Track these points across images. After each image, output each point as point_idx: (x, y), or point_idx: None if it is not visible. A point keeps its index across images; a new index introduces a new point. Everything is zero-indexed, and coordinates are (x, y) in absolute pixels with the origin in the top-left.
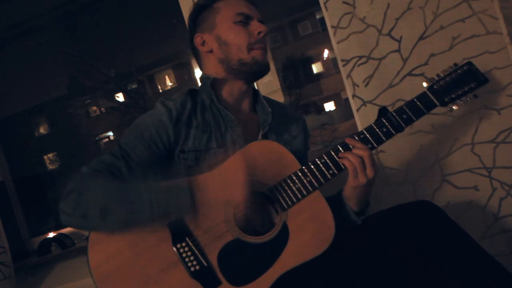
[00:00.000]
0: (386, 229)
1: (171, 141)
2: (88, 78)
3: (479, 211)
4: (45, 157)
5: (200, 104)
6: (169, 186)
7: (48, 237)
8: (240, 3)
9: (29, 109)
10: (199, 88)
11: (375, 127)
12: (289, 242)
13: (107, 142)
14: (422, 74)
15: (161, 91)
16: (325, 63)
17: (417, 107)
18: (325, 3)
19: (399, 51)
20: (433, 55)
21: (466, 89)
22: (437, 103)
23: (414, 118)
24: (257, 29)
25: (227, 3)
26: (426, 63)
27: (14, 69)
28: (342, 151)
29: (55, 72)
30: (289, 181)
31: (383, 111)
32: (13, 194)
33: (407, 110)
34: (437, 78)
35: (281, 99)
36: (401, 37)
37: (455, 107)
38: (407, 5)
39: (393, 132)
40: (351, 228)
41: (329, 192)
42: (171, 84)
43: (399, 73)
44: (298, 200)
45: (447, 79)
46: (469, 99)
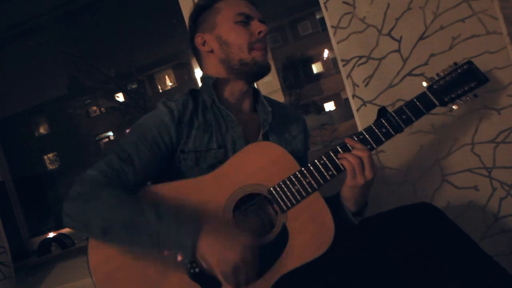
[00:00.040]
0: (386, 230)
1: (173, 141)
2: (88, 78)
3: (479, 211)
4: (45, 157)
5: (201, 104)
6: (177, 223)
7: (48, 237)
8: (240, 3)
9: (29, 109)
10: (200, 88)
11: (374, 127)
12: (289, 243)
13: (107, 142)
14: (422, 74)
15: (161, 91)
16: (325, 63)
17: (417, 107)
18: (325, 3)
19: (399, 51)
20: (433, 55)
21: (466, 89)
22: (436, 103)
23: (413, 118)
24: (258, 28)
25: (227, 3)
26: (426, 63)
27: (14, 69)
28: (341, 152)
29: (55, 72)
30: (288, 182)
31: (383, 111)
32: (13, 194)
33: (407, 110)
34: (436, 77)
35: (281, 99)
36: (401, 37)
37: (455, 107)
38: (407, 5)
39: (393, 132)
40: (350, 229)
41: (329, 192)
42: (171, 84)
43: (399, 73)
44: (297, 201)
45: (447, 79)
46: (469, 99)
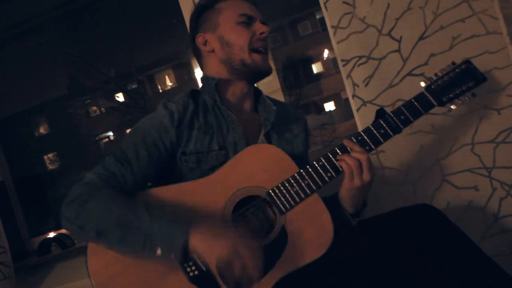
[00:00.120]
0: (385, 231)
1: (173, 144)
2: (88, 78)
3: (479, 211)
4: (45, 157)
5: (202, 105)
6: (168, 224)
7: (48, 237)
8: (242, 4)
9: (29, 109)
10: (200, 88)
11: (372, 128)
12: (288, 245)
13: (107, 142)
14: (422, 74)
15: (161, 91)
16: (325, 63)
17: (415, 107)
18: (325, 3)
19: (399, 51)
20: (433, 55)
21: (464, 88)
22: (435, 103)
23: (412, 119)
24: (260, 29)
25: (229, 3)
26: (426, 63)
27: (14, 69)
28: (340, 153)
29: (55, 72)
30: (287, 184)
31: (381, 112)
32: (13, 194)
33: (405, 111)
34: (435, 77)
35: (281, 99)
36: (401, 37)
37: (453, 107)
38: (407, 5)
39: (391, 133)
40: (350, 230)
41: (328, 192)
42: (171, 84)
43: (399, 73)
44: (296, 203)
45: (445, 79)
46: (467, 98)
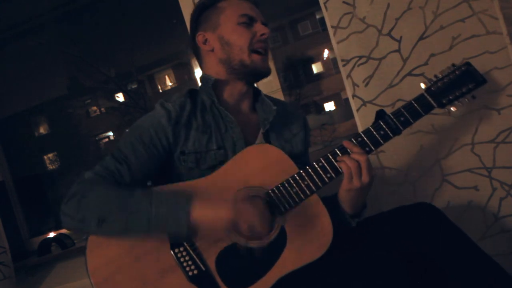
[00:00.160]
0: (386, 231)
1: (170, 143)
2: (88, 78)
3: (479, 211)
4: (45, 157)
5: (200, 105)
6: (170, 204)
7: (48, 237)
8: (244, 4)
9: (29, 109)
10: (199, 88)
11: (372, 130)
12: (287, 246)
13: (107, 142)
14: (422, 74)
15: (161, 91)
16: (325, 63)
17: (415, 109)
18: (325, 3)
19: (399, 51)
20: (433, 55)
21: (464, 90)
22: (434, 105)
23: (411, 120)
24: (261, 31)
25: (230, 3)
26: (426, 63)
27: (14, 69)
28: (340, 154)
29: (55, 72)
30: (286, 185)
31: (381, 113)
32: (13, 194)
33: (405, 112)
34: (435, 79)
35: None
36: (401, 37)
37: (453, 109)
38: (407, 5)
39: (391, 135)
40: (350, 230)
41: (328, 192)
42: (171, 84)
43: (399, 73)
44: (296, 204)
45: (445, 80)
46: (467, 100)
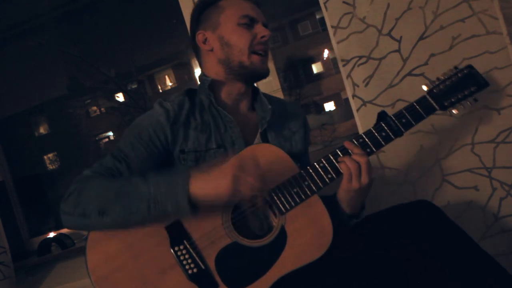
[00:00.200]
0: (385, 229)
1: (168, 141)
2: (88, 78)
3: (479, 211)
4: (45, 157)
5: (198, 104)
6: (168, 183)
7: (48, 237)
8: (245, 4)
9: (29, 109)
10: (197, 87)
11: (374, 131)
12: (287, 246)
13: (107, 142)
14: (422, 74)
15: (161, 91)
16: (325, 63)
17: (417, 111)
18: (325, 3)
19: (399, 51)
20: (433, 55)
21: (466, 93)
22: (436, 107)
23: (413, 122)
24: (261, 33)
25: (232, 2)
26: (426, 63)
27: (14, 69)
28: (341, 155)
29: (55, 72)
30: (287, 185)
31: (382, 115)
32: (13, 194)
33: (407, 114)
34: (437, 81)
35: None
36: (401, 37)
37: (455, 111)
38: (407, 5)
39: (392, 136)
40: (349, 229)
41: (328, 192)
42: (171, 84)
43: (399, 73)
44: (296, 204)
45: (447, 83)
46: (469, 103)
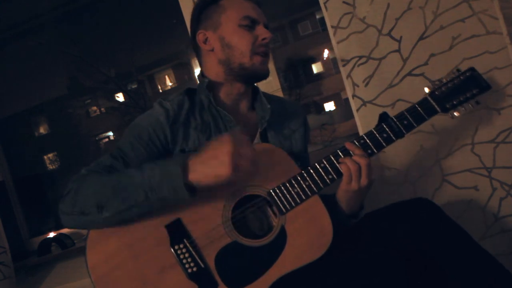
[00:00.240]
0: (384, 227)
1: (168, 141)
2: (88, 78)
3: (479, 211)
4: (45, 157)
5: (198, 104)
6: (161, 168)
7: (48, 237)
8: (246, 4)
9: (29, 109)
10: (197, 86)
11: (375, 132)
12: (287, 246)
13: (107, 142)
14: (422, 74)
15: (161, 91)
16: (325, 63)
17: (418, 113)
18: (325, 3)
19: (399, 51)
20: (433, 55)
21: (468, 96)
22: (438, 109)
23: (415, 124)
24: (263, 35)
25: (233, 1)
26: (426, 63)
27: (14, 69)
28: (342, 156)
29: (55, 72)
30: (288, 185)
31: (384, 116)
32: (13, 194)
33: (408, 115)
34: (438, 83)
35: None
36: (401, 37)
37: (456, 114)
38: (407, 5)
39: (393, 138)
40: (349, 228)
41: (328, 191)
42: (171, 84)
43: (399, 73)
44: (296, 204)
45: (449, 85)
46: (471, 106)
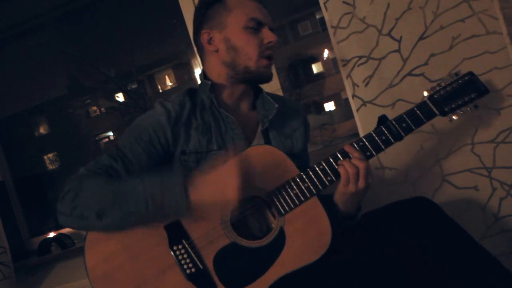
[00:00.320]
0: (384, 226)
1: (169, 142)
2: (88, 78)
3: (479, 211)
4: (45, 157)
5: (199, 104)
6: (164, 184)
7: (48, 237)
8: (252, 4)
9: (29, 109)
10: (198, 86)
11: (374, 135)
12: (286, 247)
13: (107, 142)
14: (422, 74)
15: (161, 91)
16: (325, 63)
17: (417, 116)
18: (325, 3)
19: (399, 51)
20: (433, 55)
21: (466, 99)
22: (437, 112)
23: (413, 127)
24: (268, 38)
25: (239, 1)
26: (426, 63)
27: (14, 69)
28: (341, 158)
29: (55, 72)
30: (287, 186)
31: (383, 119)
32: (13, 194)
33: (407, 118)
34: (437, 87)
35: None
36: (401, 37)
37: (455, 117)
38: (407, 5)
39: (392, 140)
40: (348, 228)
41: (327, 192)
42: (171, 84)
43: (399, 73)
44: (295, 205)
45: (448, 89)
46: (469, 109)
